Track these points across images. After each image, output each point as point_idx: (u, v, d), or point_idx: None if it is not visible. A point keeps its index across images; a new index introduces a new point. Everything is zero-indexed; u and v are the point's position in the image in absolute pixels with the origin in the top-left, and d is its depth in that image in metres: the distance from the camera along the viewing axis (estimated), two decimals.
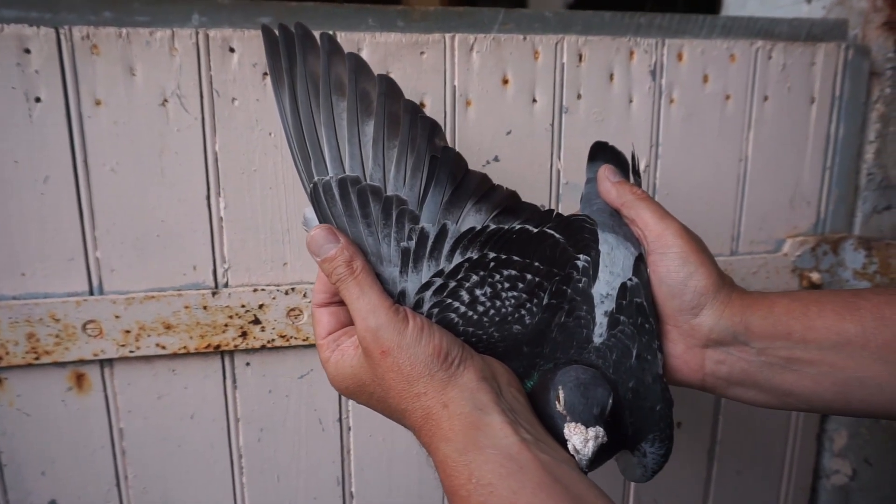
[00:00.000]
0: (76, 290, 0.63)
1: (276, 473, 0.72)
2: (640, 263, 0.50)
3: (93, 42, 0.58)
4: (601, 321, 0.48)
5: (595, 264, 0.49)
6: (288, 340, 0.67)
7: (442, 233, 0.46)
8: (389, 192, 0.46)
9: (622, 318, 0.48)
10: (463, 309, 0.46)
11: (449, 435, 0.40)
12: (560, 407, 0.43)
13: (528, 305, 0.47)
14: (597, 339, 0.47)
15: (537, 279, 0.47)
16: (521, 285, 0.47)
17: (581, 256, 0.49)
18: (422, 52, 0.65)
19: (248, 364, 0.69)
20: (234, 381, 0.69)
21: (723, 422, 0.85)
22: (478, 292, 0.46)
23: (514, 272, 0.47)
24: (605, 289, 0.49)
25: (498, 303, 0.46)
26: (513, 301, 0.47)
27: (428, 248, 0.46)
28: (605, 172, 0.54)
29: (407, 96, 0.48)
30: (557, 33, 0.68)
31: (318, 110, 0.47)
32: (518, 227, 0.48)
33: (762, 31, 0.74)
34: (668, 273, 0.49)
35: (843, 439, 0.88)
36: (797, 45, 0.75)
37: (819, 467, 0.91)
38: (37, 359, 0.62)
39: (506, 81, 0.68)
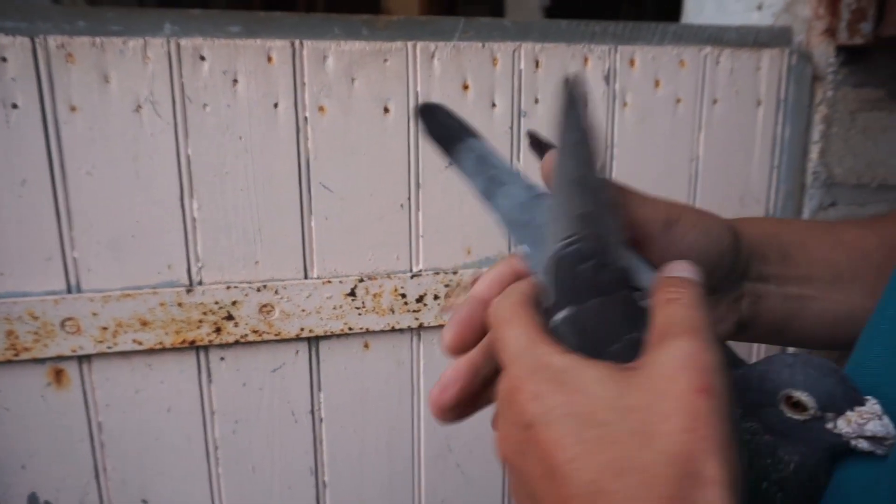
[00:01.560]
0: (54, 288, 0.65)
1: (251, 464, 0.75)
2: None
3: (68, 51, 0.61)
4: None
5: None
6: (260, 335, 0.70)
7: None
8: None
9: None
10: None
11: None
12: (810, 409, 0.29)
13: None
14: None
15: None
16: None
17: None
18: (385, 60, 0.68)
19: (222, 359, 0.71)
20: (209, 375, 0.72)
21: None
22: None
23: None
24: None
25: None
26: None
27: None
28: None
29: (371, 103, 0.50)
30: (515, 41, 0.72)
31: None
32: None
33: (711, 38, 0.78)
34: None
35: None
36: (744, 51, 0.79)
37: None
38: (16, 355, 0.64)
39: (466, 87, 0.71)
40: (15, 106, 0.61)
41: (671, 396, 0.25)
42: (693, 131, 0.80)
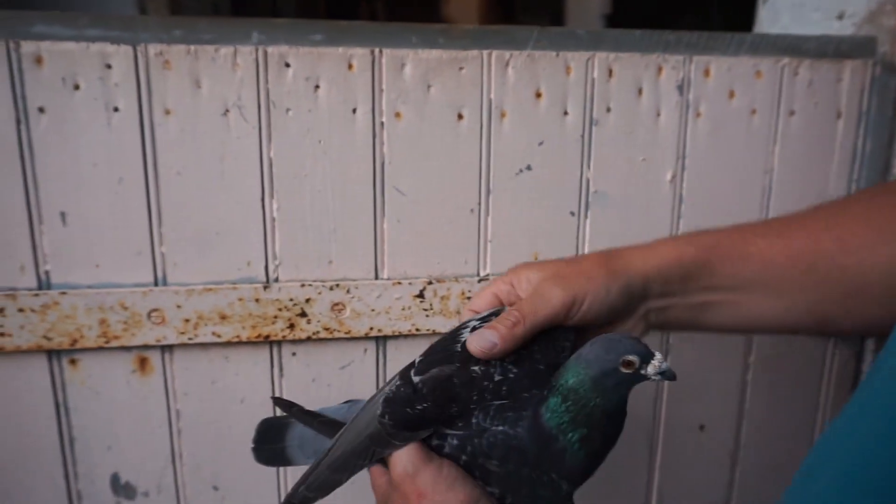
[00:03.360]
0: (143, 281, 0.69)
1: None
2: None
3: (165, 58, 0.65)
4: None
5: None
6: (331, 333, 0.72)
7: None
8: None
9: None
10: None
11: None
12: (633, 365, 0.46)
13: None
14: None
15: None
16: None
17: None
18: (461, 68, 0.69)
19: (293, 354, 0.74)
20: (281, 369, 0.74)
21: (746, 425, 0.87)
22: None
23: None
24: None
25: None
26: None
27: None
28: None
29: (446, 109, 0.53)
30: (589, 50, 0.72)
31: None
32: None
33: (789, 48, 0.77)
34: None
35: None
36: (824, 62, 0.77)
37: None
38: (107, 342, 0.69)
39: (539, 95, 0.72)
40: (116, 109, 0.65)
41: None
42: (768, 143, 0.78)
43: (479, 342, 0.49)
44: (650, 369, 0.46)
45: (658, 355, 0.47)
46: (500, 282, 0.54)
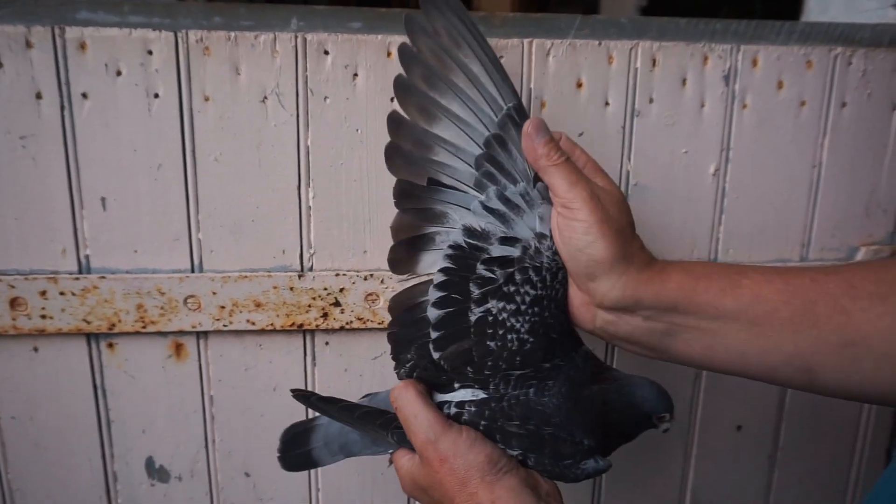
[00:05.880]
0: (180, 267, 0.70)
1: None
2: None
3: (205, 44, 0.65)
4: None
5: None
6: (365, 323, 0.72)
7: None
8: None
9: None
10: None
11: None
12: (666, 420, 0.54)
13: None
14: None
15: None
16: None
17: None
18: (501, 56, 0.68)
19: (326, 343, 0.74)
20: (314, 358, 0.74)
21: (786, 426, 0.85)
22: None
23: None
24: None
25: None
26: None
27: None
28: (529, 129, 0.53)
29: None
30: (632, 39, 0.70)
31: None
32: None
33: (842, 37, 0.74)
34: (570, 238, 0.52)
35: None
36: (879, 51, 0.74)
37: None
38: (144, 327, 0.69)
39: (580, 85, 0.70)
40: (157, 95, 0.65)
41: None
42: (817, 135, 0.75)
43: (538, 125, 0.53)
44: (663, 425, 0.54)
45: (672, 416, 0.54)
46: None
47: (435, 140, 0.57)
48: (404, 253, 0.59)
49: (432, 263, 0.58)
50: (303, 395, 0.60)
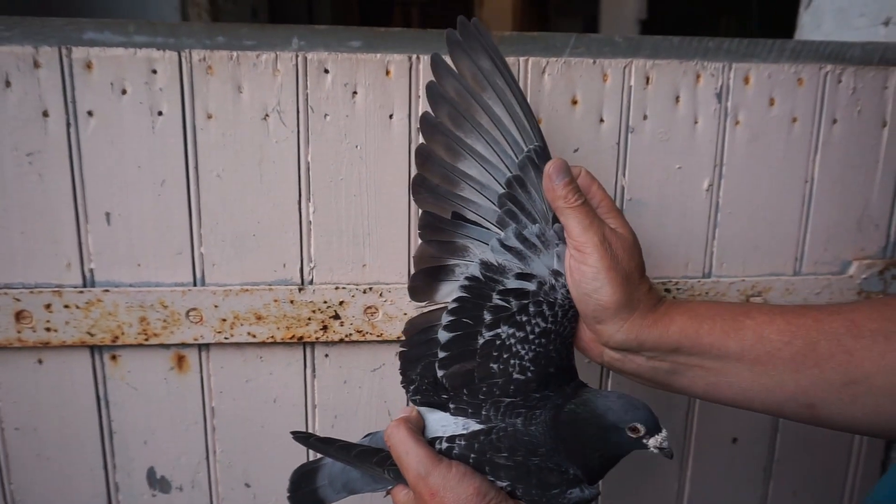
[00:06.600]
0: (182, 280, 0.71)
1: None
2: None
3: (208, 64, 0.66)
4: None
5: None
6: (364, 336, 0.73)
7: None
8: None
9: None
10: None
11: None
12: (640, 432, 0.51)
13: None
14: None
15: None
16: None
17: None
18: None
19: (326, 355, 0.75)
20: (314, 370, 0.75)
21: (780, 439, 0.85)
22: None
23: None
24: None
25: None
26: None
27: None
28: (550, 170, 0.55)
29: None
30: (626, 57, 0.72)
31: None
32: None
33: (832, 55, 0.75)
34: (580, 282, 0.55)
35: None
36: (869, 69, 0.76)
37: None
38: (146, 340, 0.70)
39: (575, 102, 0.72)
40: (160, 113, 0.67)
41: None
42: (808, 152, 0.77)
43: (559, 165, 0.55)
44: (652, 441, 0.51)
45: (664, 433, 0.51)
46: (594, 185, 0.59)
47: (461, 176, 0.59)
48: (424, 282, 0.61)
49: (450, 293, 0.60)
50: (302, 437, 0.61)
